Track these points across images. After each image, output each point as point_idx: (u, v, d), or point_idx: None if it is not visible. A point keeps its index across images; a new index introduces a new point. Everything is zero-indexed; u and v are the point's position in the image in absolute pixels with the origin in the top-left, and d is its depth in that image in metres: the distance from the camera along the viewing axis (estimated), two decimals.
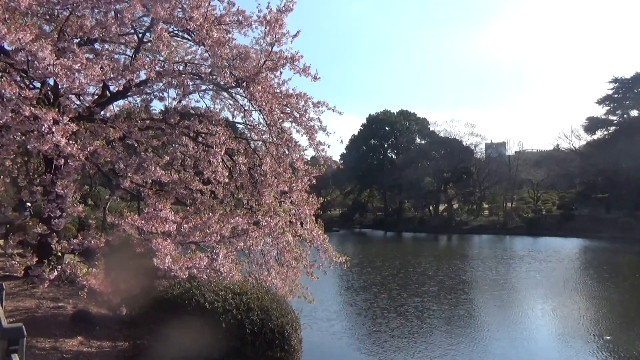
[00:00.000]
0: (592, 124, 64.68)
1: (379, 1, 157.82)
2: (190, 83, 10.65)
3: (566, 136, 70.58)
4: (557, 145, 73.47)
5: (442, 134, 74.72)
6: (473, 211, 70.89)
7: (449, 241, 55.87)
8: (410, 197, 74.88)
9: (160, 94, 10.86)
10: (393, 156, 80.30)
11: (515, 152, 74.62)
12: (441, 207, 73.32)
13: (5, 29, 6.75)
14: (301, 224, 11.21)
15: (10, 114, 7.15)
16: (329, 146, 11.43)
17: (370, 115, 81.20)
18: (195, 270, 8.56)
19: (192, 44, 11.56)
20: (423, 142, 79.16)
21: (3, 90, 6.83)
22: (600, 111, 64.63)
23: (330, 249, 11.37)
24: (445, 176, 72.24)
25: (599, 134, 65.32)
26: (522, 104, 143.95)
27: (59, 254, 8.13)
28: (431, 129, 78.24)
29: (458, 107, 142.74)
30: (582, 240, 49.50)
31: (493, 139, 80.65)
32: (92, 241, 8.55)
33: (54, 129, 7.15)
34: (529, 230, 57.57)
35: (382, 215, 77.21)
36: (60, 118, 7.32)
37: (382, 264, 34.83)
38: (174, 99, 11.33)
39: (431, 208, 73.50)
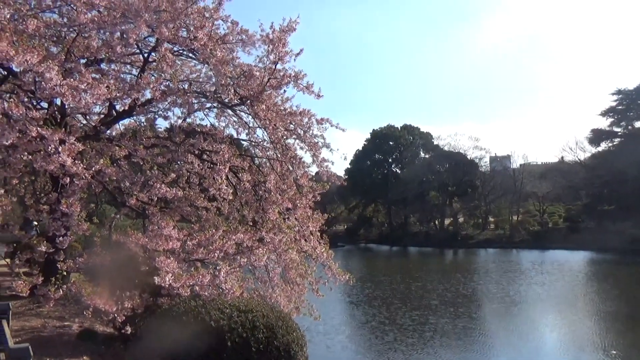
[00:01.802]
0: (597, 136, 64.59)
1: (379, 16, 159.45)
2: (195, 101, 10.75)
3: (571, 148, 70.27)
4: (562, 157, 73.30)
5: (446, 148, 74.84)
6: (479, 225, 70.58)
7: (455, 255, 55.56)
8: (415, 212, 74.73)
9: (165, 113, 10.97)
10: (397, 171, 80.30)
11: (520, 164, 74.59)
12: (447, 221, 73.03)
13: (13, 51, 6.88)
14: (305, 240, 11.19)
15: (17, 134, 7.25)
16: (332, 163, 11.47)
17: (374, 130, 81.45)
18: (197, 288, 8.54)
19: (197, 62, 11.72)
20: (427, 156, 79.17)
21: (10, 112, 6.93)
22: (604, 123, 64.65)
23: (335, 267, 11.33)
24: (450, 190, 72.09)
25: (603, 145, 65.20)
26: (525, 116, 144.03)
27: (64, 273, 8.15)
28: (435, 143, 78.39)
29: (461, 122, 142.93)
30: (589, 253, 49.20)
31: (497, 152, 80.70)
32: (98, 260, 8.58)
33: (60, 149, 7.23)
34: (535, 244, 57.23)
35: (388, 229, 76.94)
36: (67, 138, 7.41)
37: (385, 278, 34.78)
38: (179, 117, 11.45)
39: (437, 222, 73.25)
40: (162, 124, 12.50)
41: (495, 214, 72.17)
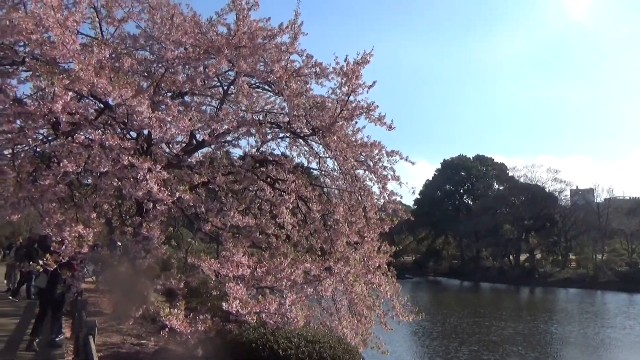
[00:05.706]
0: None
1: (451, 46, 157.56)
2: (269, 132, 11.15)
3: None
4: None
5: (522, 180, 71.39)
6: (558, 262, 65.95)
7: (532, 294, 52.23)
8: (488, 245, 71.37)
9: (239, 143, 11.45)
10: (469, 202, 77.65)
11: (605, 199, 69.17)
12: (522, 257, 69.03)
13: (111, 87, 7.58)
14: (373, 274, 11.04)
15: (110, 162, 7.89)
16: (401, 197, 11.33)
17: (444, 160, 79.81)
18: (264, 315, 8.64)
19: (272, 94, 12.18)
20: (501, 188, 75.95)
21: (107, 142, 7.57)
22: None
23: (398, 305, 11.07)
24: (526, 224, 68.33)
25: None
26: (609, 148, 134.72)
27: (144, 293, 8.60)
28: (510, 174, 75.13)
29: (537, 155, 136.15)
30: None
31: (579, 185, 75.58)
32: (173, 282, 9.00)
33: (147, 177, 7.76)
34: (623, 286, 52.22)
35: (458, 263, 74.06)
36: (154, 166, 7.94)
37: (449, 312, 33.62)
38: (252, 146, 11.90)
39: (511, 257, 69.44)
40: (236, 152, 13.03)
41: (577, 251, 67.11)
